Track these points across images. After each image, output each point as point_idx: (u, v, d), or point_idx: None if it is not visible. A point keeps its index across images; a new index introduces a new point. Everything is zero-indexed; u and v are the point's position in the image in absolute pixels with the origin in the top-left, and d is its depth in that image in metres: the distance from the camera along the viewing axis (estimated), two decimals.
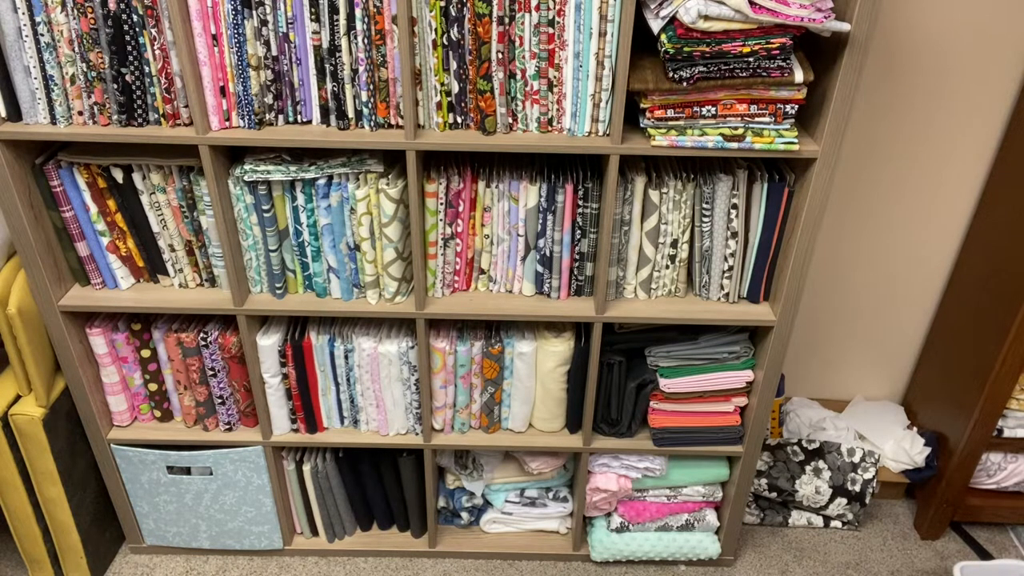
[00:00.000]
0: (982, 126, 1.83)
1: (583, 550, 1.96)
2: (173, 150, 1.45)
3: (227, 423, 1.75)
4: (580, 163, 1.52)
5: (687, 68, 1.27)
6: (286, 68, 1.35)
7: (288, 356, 1.64)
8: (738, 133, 1.35)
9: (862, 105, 1.80)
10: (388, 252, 1.51)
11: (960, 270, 1.99)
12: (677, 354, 1.66)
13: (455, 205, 1.49)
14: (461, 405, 1.73)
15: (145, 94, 1.35)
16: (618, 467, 1.82)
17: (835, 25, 1.23)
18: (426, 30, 1.30)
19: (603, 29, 1.28)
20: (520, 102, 1.37)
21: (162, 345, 1.66)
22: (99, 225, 1.52)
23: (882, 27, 1.70)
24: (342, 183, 1.46)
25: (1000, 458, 1.98)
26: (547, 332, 1.67)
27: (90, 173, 1.46)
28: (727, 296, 1.59)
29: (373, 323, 1.69)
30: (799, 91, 1.32)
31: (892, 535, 2.07)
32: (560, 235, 1.50)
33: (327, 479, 1.85)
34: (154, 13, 1.28)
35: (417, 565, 1.97)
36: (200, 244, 1.54)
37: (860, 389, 2.26)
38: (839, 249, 2.02)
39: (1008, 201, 1.79)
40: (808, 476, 2.00)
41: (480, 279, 1.61)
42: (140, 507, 1.86)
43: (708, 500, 1.88)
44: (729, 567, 1.98)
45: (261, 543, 1.93)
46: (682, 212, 1.51)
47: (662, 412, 1.71)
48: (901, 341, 2.16)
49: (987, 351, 1.80)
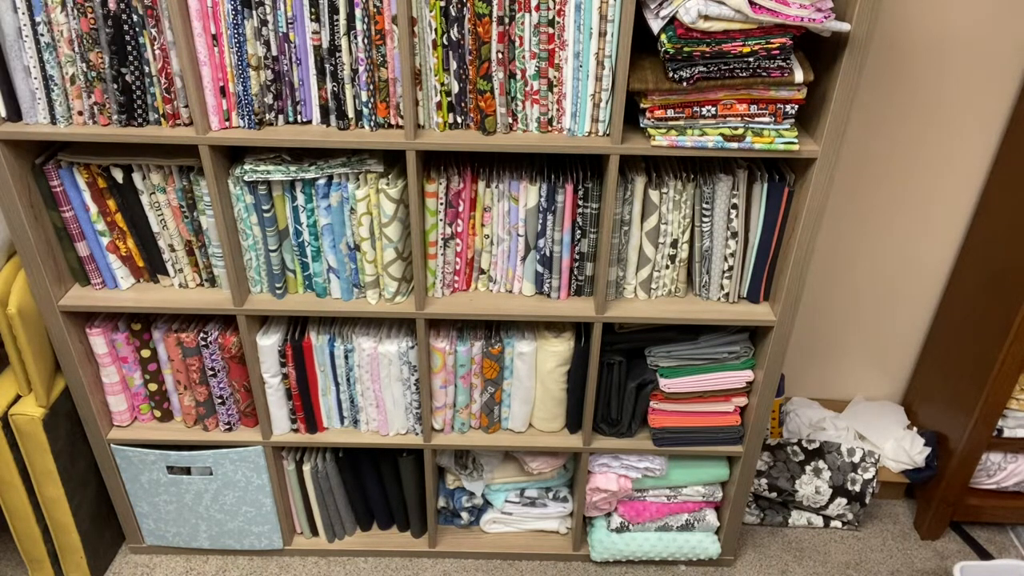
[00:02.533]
0: (982, 126, 1.83)
1: (583, 550, 1.96)
2: (173, 150, 1.45)
3: (227, 423, 1.75)
4: (580, 163, 1.52)
5: (687, 68, 1.27)
6: (286, 68, 1.35)
7: (288, 356, 1.64)
8: (738, 133, 1.35)
9: (862, 105, 1.80)
10: (388, 252, 1.51)
11: (960, 270, 1.99)
12: (677, 354, 1.66)
13: (455, 205, 1.49)
14: (461, 405, 1.73)
15: (145, 94, 1.35)
16: (618, 467, 1.82)
17: (835, 25, 1.23)
18: (426, 30, 1.30)
19: (603, 29, 1.28)
20: (520, 102, 1.37)
21: (162, 345, 1.66)
22: (99, 225, 1.52)
23: (882, 27, 1.70)
24: (342, 183, 1.46)
25: (1000, 458, 1.98)
26: (547, 332, 1.67)
27: (90, 173, 1.46)
28: (727, 296, 1.59)
29: (373, 323, 1.69)
30: (799, 91, 1.32)
31: (892, 535, 2.07)
32: (560, 235, 1.50)
33: (327, 479, 1.85)
34: (154, 13, 1.28)
35: (417, 565, 1.97)
36: (200, 244, 1.54)
37: (860, 389, 2.26)
38: (839, 249, 2.02)
39: (1008, 201, 1.79)
40: (808, 476, 2.00)
41: (480, 279, 1.61)
42: (140, 507, 1.86)
43: (708, 500, 1.88)
44: (729, 567, 1.98)
45: (261, 543, 1.93)
46: (682, 212, 1.51)
47: (662, 412, 1.71)
48: (901, 341, 2.16)
49: (987, 351, 1.80)
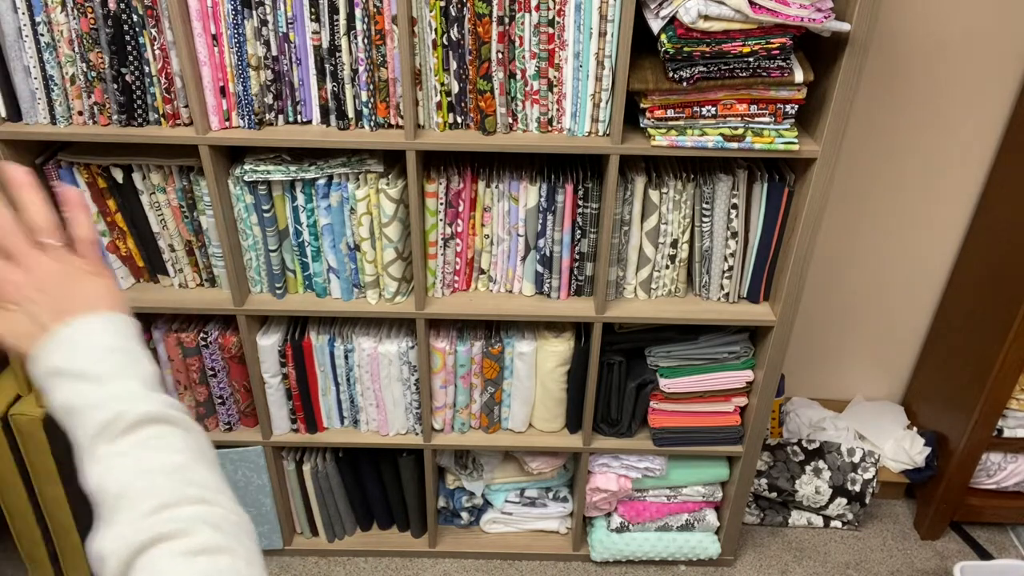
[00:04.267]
0: (982, 126, 1.83)
1: (583, 550, 1.96)
2: (173, 150, 1.45)
3: (227, 423, 1.75)
4: (580, 163, 1.52)
5: (687, 68, 1.27)
6: (286, 68, 1.35)
7: (288, 356, 1.64)
8: (738, 133, 1.35)
9: (862, 105, 1.80)
10: (388, 252, 1.51)
11: (960, 270, 1.99)
12: (677, 354, 1.66)
13: (455, 205, 1.49)
14: (461, 405, 1.73)
15: (145, 94, 1.35)
16: (618, 467, 1.82)
17: (835, 25, 1.23)
18: (426, 30, 1.30)
19: (603, 29, 1.28)
20: (520, 102, 1.37)
21: (162, 345, 1.66)
22: (99, 225, 1.52)
23: (882, 27, 1.70)
24: (342, 183, 1.46)
25: (1000, 458, 1.98)
26: (547, 332, 1.66)
27: (90, 173, 1.46)
28: (727, 296, 1.59)
29: (373, 323, 1.69)
30: (799, 91, 1.32)
31: (892, 535, 2.07)
32: (560, 235, 1.50)
33: (327, 479, 1.85)
34: (154, 13, 1.28)
35: (417, 565, 1.97)
36: (200, 244, 1.54)
37: (860, 389, 2.26)
38: (839, 249, 2.02)
39: (1008, 201, 1.79)
40: (808, 476, 2.00)
41: (480, 279, 1.61)
42: None
43: (708, 500, 1.88)
44: (729, 567, 1.98)
45: (261, 543, 1.92)
46: (682, 212, 1.51)
47: (662, 412, 1.71)
48: (901, 341, 2.16)
49: (987, 351, 1.80)
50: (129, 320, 0.66)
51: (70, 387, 0.60)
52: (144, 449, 0.59)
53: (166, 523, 0.54)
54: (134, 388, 0.61)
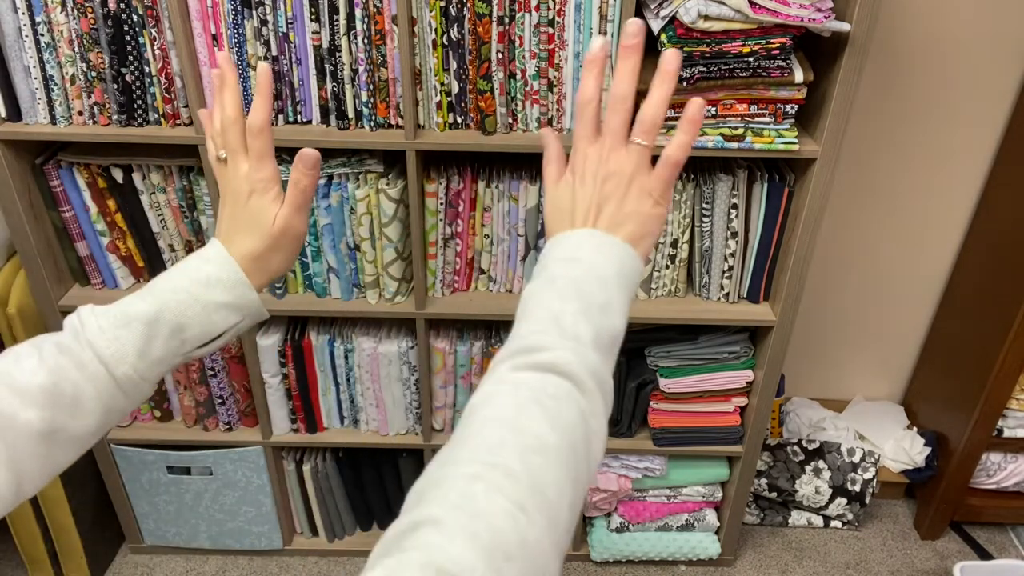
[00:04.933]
0: (982, 126, 1.83)
1: (583, 550, 1.96)
2: (173, 150, 1.45)
3: (227, 423, 1.75)
4: None
5: (687, 68, 1.27)
6: (286, 68, 1.35)
7: (288, 356, 1.64)
8: (738, 133, 1.35)
9: (862, 105, 1.80)
10: (388, 252, 1.51)
11: (960, 270, 1.99)
12: (677, 354, 1.66)
13: (455, 205, 1.49)
14: (461, 405, 1.73)
15: (145, 94, 1.35)
16: (618, 467, 1.82)
17: (835, 25, 1.23)
18: (426, 30, 1.30)
19: (603, 29, 1.28)
20: (520, 102, 1.37)
21: None
22: (99, 225, 1.52)
23: (882, 27, 1.70)
24: (342, 183, 1.46)
25: (1000, 458, 1.98)
26: None
27: (90, 173, 1.46)
28: (727, 296, 1.59)
29: (373, 323, 1.69)
30: (799, 91, 1.32)
31: (892, 535, 2.07)
32: None
33: (327, 479, 1.85)
34: (154, 13, 1.28)
35: None
36: (200, 244, 1.54)
37: (860, 389, 2.26)
38: (839, 249, 2.02)
39: (1008, 201, 1.79)
40: (808, 476, 2.00)
41: (480, 279, 1.61)
42: (140, 507, 1.86)
43: (708, 500, 1.88)
44: (729, 567, 1.98)
45: (261, 543, 1.93)
46: (682, 212, 1.51)
47: (662, 412, 1.71)
48: (901, 341, 2.16)
49: (987, 351, 1.80)
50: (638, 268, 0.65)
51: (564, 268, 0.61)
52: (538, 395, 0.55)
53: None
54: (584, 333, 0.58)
